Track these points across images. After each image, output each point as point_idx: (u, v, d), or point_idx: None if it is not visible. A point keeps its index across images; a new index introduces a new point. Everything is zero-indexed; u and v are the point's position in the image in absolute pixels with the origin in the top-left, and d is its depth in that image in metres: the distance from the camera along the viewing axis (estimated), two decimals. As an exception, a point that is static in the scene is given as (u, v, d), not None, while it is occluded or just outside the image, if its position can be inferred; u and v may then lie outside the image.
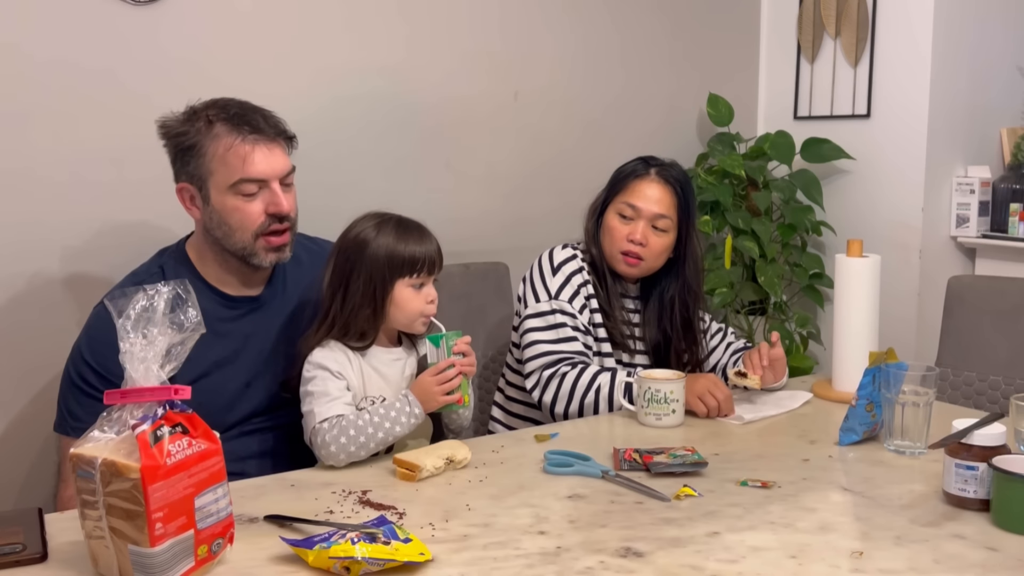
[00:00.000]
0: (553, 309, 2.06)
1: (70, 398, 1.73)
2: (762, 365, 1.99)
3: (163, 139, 1.76)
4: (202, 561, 1.16)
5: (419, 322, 1.74)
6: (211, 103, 1.74)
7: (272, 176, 1.72)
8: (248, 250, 1.74)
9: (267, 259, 1.75)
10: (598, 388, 1.97)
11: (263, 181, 1.71)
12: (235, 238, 1.73)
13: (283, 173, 1.74)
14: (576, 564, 1.22)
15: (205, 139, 1.70)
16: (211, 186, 1.71)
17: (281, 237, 1.75)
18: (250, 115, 1.73)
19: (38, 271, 2.13)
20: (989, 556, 1.25)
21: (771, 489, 1.49)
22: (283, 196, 1.73)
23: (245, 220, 1.71)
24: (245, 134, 1.69)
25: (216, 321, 1.71)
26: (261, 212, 1.72)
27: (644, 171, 2.11)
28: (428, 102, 2.66)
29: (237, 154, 1.68)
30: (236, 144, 1.69)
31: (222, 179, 1.70)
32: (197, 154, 1.70)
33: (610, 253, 2.10)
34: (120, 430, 1.14)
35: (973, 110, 3.04)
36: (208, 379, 1.71)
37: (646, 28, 3.07)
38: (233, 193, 1.70)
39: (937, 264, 3.01)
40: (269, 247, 1.75)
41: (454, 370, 1.67)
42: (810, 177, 3.07)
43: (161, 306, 1.18)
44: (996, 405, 2.16)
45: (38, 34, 2.08)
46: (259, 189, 1.71)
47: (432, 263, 1.73)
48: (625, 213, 2.08)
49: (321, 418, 1.62)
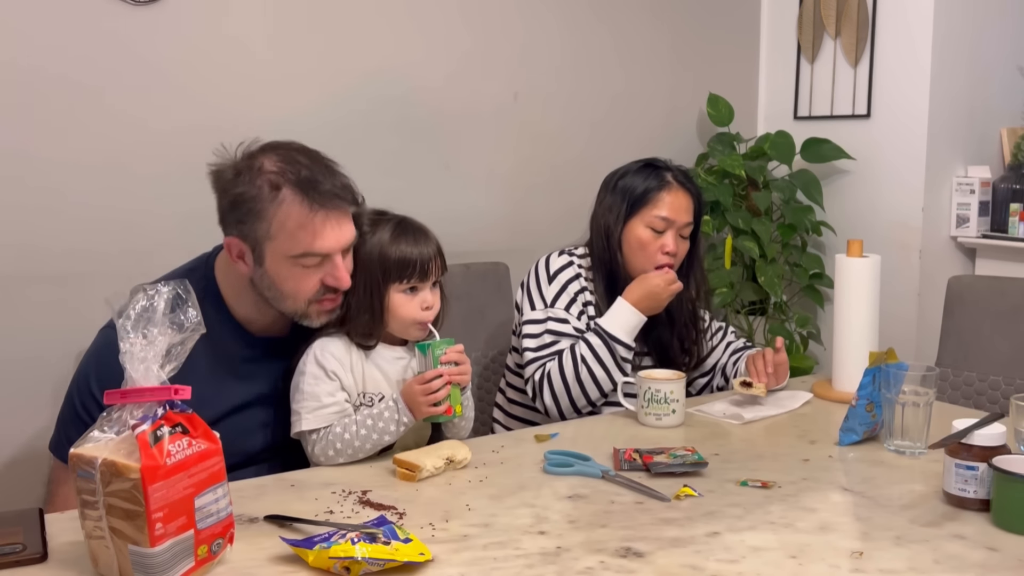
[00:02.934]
0: (547, 317, 2.05)
1: (71, 426, 1.60)
2: (766, 372, 1.99)
3: (216, 189, 1.59)
4: (202, 561, 1.16)
5: (413, 328, 1.69)
6: (274, 152, 1.57)
7: (339, 250, 1.58)
8: (299, 314, 1.63)
9: (317, 321, 1.65)
10: (582, 358, 1.97)
11: (328, 255, 1.58)
12: (286, 304, 1.62)
13: (348, 244, 1.61)
14: (576, 564, 1.22)
15: (269, 204, 1.53)
16: (268, 250, 1.56)
17: (334, 301, 1.64)
18: (321, 179, 1.55)
19: (38, 271, 2.13)
20: (989, 556, 1.25)
21: (771, 489, 1.49)
22: (343, 268, 1.60)
23: (300, 289, 1.59)
24: (316, 207, 1.53)
25: (240, 362, 1.67)
26: (318, 282, 1.59)
27: (664, 181, 2.08)
28: (428, 103, 2.66)
29: (306, 228, 1.53)
30: (306, 217, 1.53)
31: (283, 248, 1.55)
32: (257, 216, 1.54)
33: (642, 267, 2.06)
34: (120, 430, 1.14)
35: (973, 110, 3.04)
36: (225, 423, 1.59)
37: (646, 28, 3.07)
38: (292, 264, 1.56)
39: (937, 264, 3.01)
40: (322, 311, 1.64)
41: (440, 380, 1.60)
42: (810, 177, 3.07)
43: (161, 306, 1.18)
44: (996, 405, 2.15)
45: (38, 34, 2.08)
46: (322, 261, 1.58)
47: (425, 267, 1.66)
48: (656, 227, 2.05)
49: (309, 428, 1.62)
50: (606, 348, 1.97)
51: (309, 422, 1.63)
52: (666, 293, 2.02)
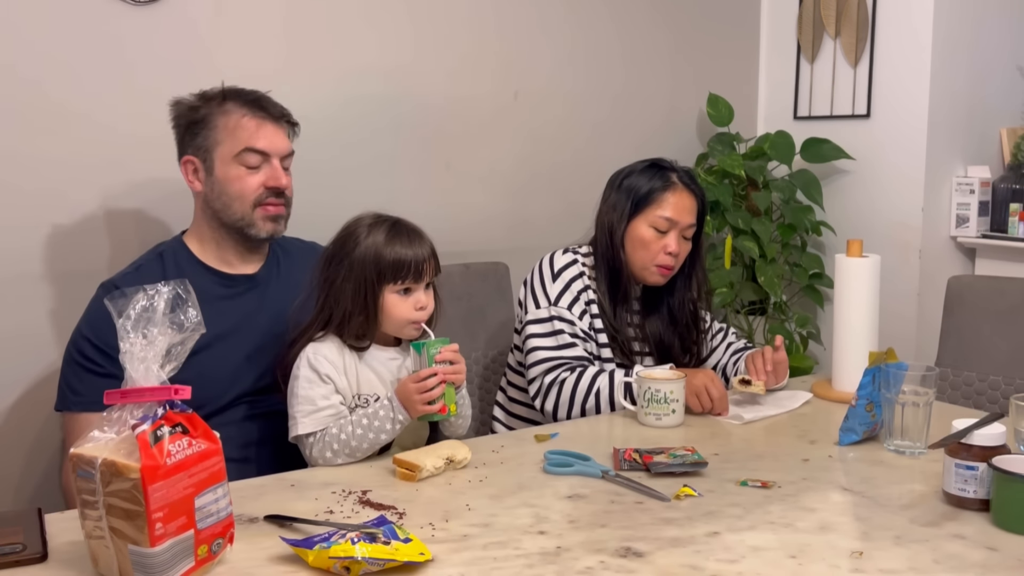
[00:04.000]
0: (552, 316, 2.05)
1: (70, 375, 1.79)
2: (765, 370, 1.99)
3: (174, 117, 1.87)
4: (202, 561, 1.16)
5: (408, 329, 1.70)
6: (225, 88, 1.87)
7: (275, 152, 1.84)
8: (246, 220, 1.83)
9: (264, 229, 1.85)
10: (598, 391, 1.97)
11: (266, 155, 1.83)
12: (234, 207, 1.83)
13: (284, 152, 1.86)
14: (576, 564, 1.22)
15: (216, 113, 1.83)
16: (216, 157, 1.82)
17: (277, 207, 1.85)
18: (261, 99, 1.87)
19: (38, 270, 2.13)
20: (989, 556, 1.25)
21: (771, 489, 1.49)
22: (281, 170, 1.85)
23: (245, 189, 1.82)
24: (255, 111, 1.83)
25: (216, 299, 1.79)
26: (260, 184, 1.82)
27: (669, 181, 2.08)
28: (429, 102, 2.66)
29: (245, 127, 1.82)
30: (245, 118, 1.82)
31: (228, 149, 1.81)
32: (206, 127, 1.82)
33: (642, 265, 2.07)
34: (120, 430, 1.14)
35: (973, 110, 3.04)
36: (209, 351, 1.70)
37: (646, 28, 3.07)
38: (237, 163, 1.81)
39: (937, 264, 3.01)
40: (266, 216, 1.84)
41: (435, 379, 1.61)
42: (810, 177, 3.07)
43: (161, 306, 1.18)
44: (996, 405, 2.16)
45: (38, 34, 2.08)
46: (261, 163, 1.83)
47: (420, 268, 1.67)
48: (661, 227, 2.05)
49: (305, 431, 1.63)
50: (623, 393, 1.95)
51: (305, 426, 1.63)
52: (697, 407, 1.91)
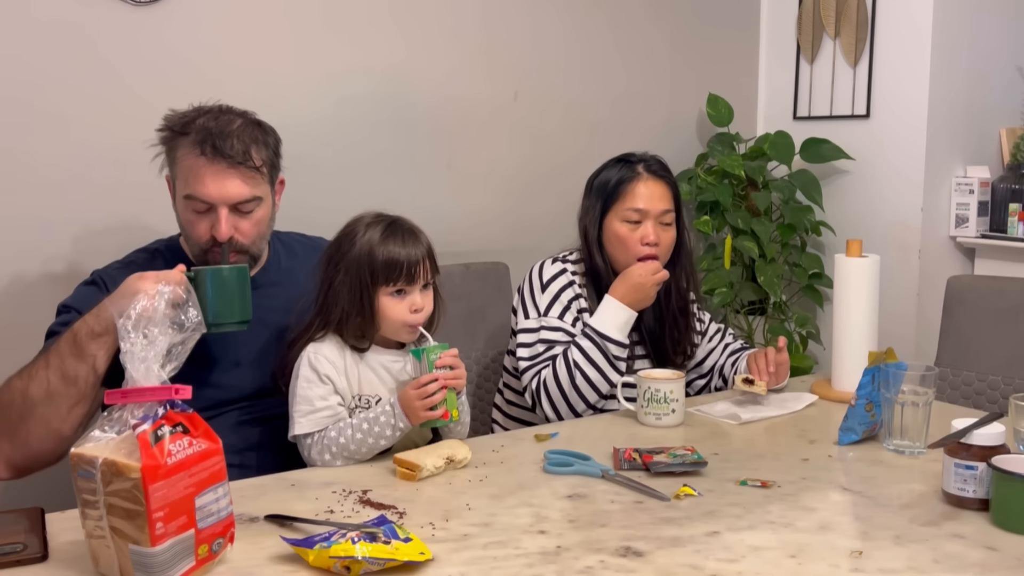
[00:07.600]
0: (540, 327, 2.04)
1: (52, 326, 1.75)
2: (768, 371, 1.99)
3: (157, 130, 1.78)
4: (202, 561, 1.16)
5: (403, 331, 1.68)
6: (204, 110, 1.75)
7: (220, 201, 1.69)
8: (199, 259, 1.76)
9: None
10: (575, 362, 1.95)
11: (209, 204, 1.70)
12: (191, 243, 1.77)
13: (234, 201, 1.70)
14: (576, 564, 1.22)
15: (177, 144, 1.72)
16: (177, 188, 1.75)
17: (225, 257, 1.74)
18: (221, 136, 1.69)
19: (38, 271, 2.13)
20: (988, 556, 1.26)
21: (771, 489, 1.50)
22: (225, 223, 1.69)
23: (192, 234, 1.74)
24: (206, 154, 1.68)
25: None
26: (206, 231, 1.72)
27: (634, 172, 2.07)
28: (429, 102, 2.67)
29: (193, 169, 1.69)
30: (195, 159, 1.69)
31: (180, 187, 1.73)
32: (170, 154, 1.75)
33: (625, 262, 2.05)
34: (121, 430, 1.14)
35: (972, 110, 3.04)
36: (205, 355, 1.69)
37: (646, 28, 3.07)
38: (185, 205, 1.73)
39: (936, 264, 3.01)
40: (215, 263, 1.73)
41: (436, 385, 1.60)
42: (809, 177, 3.07)
43: (161, 306, 1.18)
44: (995, 405, 2.16)
45: (39, 34, 2.08)
46: (207, 210, 1.70)
47: (412, 270, 1.65)
48: (631, 219, 2.04)
49: (303, 432, 1.63)
50: (598, 349, 1.97)
51: (303, 426, 1.63)
52: (651, 283, 1.99)
